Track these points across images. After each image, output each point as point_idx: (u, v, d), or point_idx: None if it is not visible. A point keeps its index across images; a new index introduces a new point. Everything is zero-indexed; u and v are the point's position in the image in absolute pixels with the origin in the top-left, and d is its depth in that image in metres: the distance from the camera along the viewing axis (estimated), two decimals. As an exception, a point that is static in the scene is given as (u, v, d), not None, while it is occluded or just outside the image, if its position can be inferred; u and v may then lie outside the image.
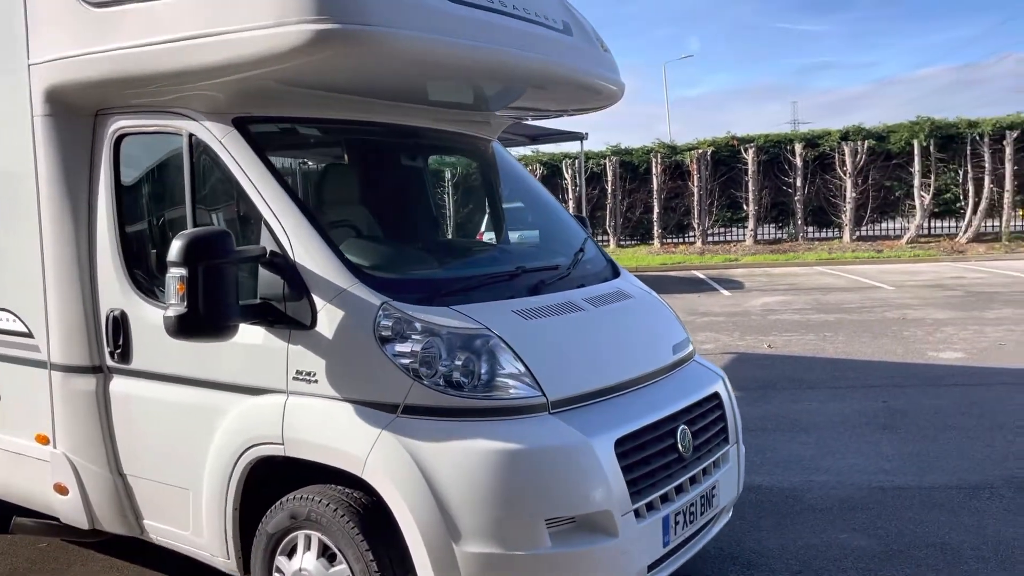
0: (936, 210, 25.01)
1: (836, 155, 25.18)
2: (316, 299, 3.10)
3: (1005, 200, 23.66)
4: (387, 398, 2.98)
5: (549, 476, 2.90)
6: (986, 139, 23.71)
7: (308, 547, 3.17)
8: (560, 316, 3.43)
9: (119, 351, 3.67)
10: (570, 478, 2.92)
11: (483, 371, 3.02)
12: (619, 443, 3.04)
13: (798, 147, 25.60)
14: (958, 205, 24.73)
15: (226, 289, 2.97)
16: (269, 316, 3.16)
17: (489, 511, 2.83)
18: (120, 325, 3.66)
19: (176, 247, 2.89)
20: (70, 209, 3.74)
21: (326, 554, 3.13)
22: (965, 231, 24.11)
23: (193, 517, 3.52)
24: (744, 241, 26.31)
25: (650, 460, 3.18)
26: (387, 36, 3.02)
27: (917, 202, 24.43)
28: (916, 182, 24.29)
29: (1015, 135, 23.30)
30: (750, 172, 25.70)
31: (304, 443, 3.12)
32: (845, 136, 25.49)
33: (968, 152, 24.05)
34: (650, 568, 3.14)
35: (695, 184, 26.20)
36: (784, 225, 26.87)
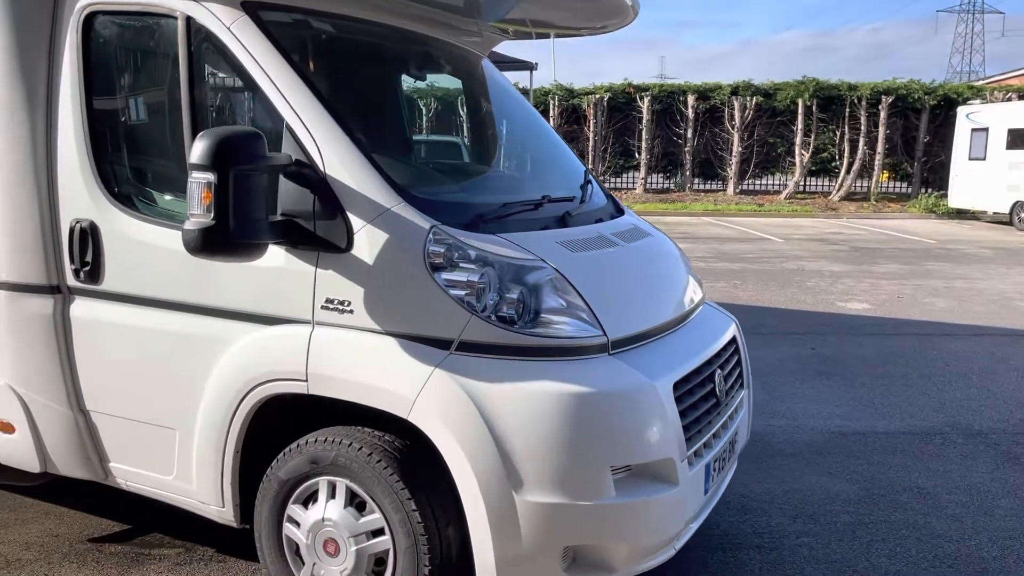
0: (813, 168, 26.21)
1: (726, 109, 25.82)
2: (353, 218, 2.72)
3: (876, 162, 25.11)
4: (439, 332, 2.67)
5: (616, 421, 2.68)
6: (863, 103, 24.94)
7: (332, 495, 2.84)
8: (600, 251, 3.19)
9: (86, 269, 3.14)
10: (636, 424, 2.72)
11: (541, 306, 2.74)
12: (675, 387, 2.87)
13: (691, 99, 26.04)
14: (833, 164, 25.98)
15: (259, 201, 2.55)
16: (294, 236, 2.76)
17: (555, 458, 2.59)
18: (88, 238, 3.12)
19: (202, 147, 2.43)
20: (22, 102, 3.14)
21: (354, 502, 2.82)
22: (838, 190, 25.43)
23: (179, 460, 3.10)
24: (635, 189, 26.71)
25: (697, 405, 3.03)
26: None
27: (797, 159, 25.49)
28: (798, 140, 25.30)
29: (890, 100, 24.64)
30: (644, 121, 25.97)
31: (334, 380, 2.76)
32: (735, 91, 26.13)
33: (847, 114, 25.24)
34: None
35: (591, 129, 26.25)
36: (672, 175, 27.42)
